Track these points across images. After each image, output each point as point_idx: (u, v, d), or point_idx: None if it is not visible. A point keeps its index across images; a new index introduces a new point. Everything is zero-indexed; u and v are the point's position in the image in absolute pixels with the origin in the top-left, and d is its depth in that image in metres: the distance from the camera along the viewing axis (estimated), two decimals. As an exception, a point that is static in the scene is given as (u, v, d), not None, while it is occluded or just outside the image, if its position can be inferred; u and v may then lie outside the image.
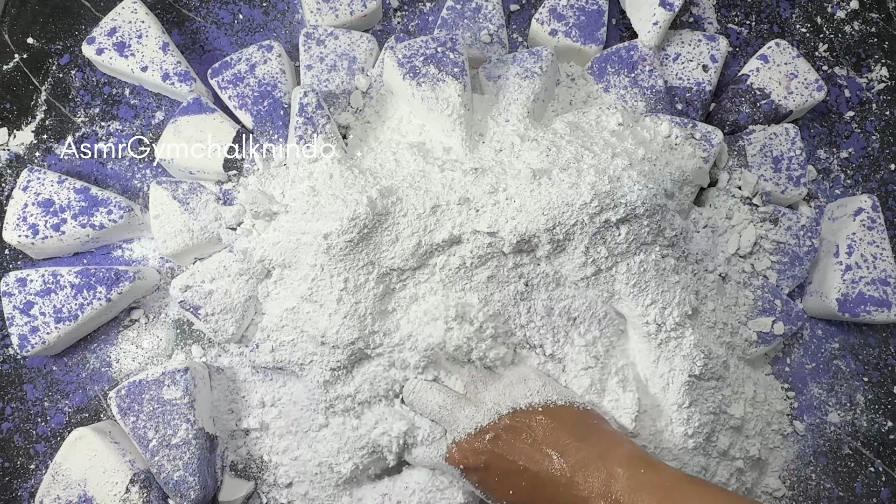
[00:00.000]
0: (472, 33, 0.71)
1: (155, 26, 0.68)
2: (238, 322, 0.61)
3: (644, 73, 0.69)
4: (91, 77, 0.71)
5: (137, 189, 0.68)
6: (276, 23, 0.74)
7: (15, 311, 0.61)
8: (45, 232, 0.62)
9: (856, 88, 0.76)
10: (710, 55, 0.72)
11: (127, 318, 0.65)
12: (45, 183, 0.63)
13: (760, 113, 0.71)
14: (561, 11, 0.71)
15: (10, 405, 0.64)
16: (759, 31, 0.77)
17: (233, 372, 0.63)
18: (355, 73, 0.69)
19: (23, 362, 0.65)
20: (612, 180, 0.57)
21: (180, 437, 0.57)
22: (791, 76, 0.71)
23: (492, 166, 0.60)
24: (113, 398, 0.59)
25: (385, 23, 0.74)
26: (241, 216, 0.64)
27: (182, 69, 0.68)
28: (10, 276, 0.61)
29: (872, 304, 0.64)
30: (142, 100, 0.71)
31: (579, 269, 0.58)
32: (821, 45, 0.77)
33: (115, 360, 0.65)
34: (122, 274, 0.62)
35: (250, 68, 0.68)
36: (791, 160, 0.68)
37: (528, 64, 0.66)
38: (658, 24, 0.69)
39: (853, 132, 0.75)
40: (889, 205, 0.73)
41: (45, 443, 0.63)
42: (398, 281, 0.58)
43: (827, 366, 0.68)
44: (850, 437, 0.66)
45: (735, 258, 0.66)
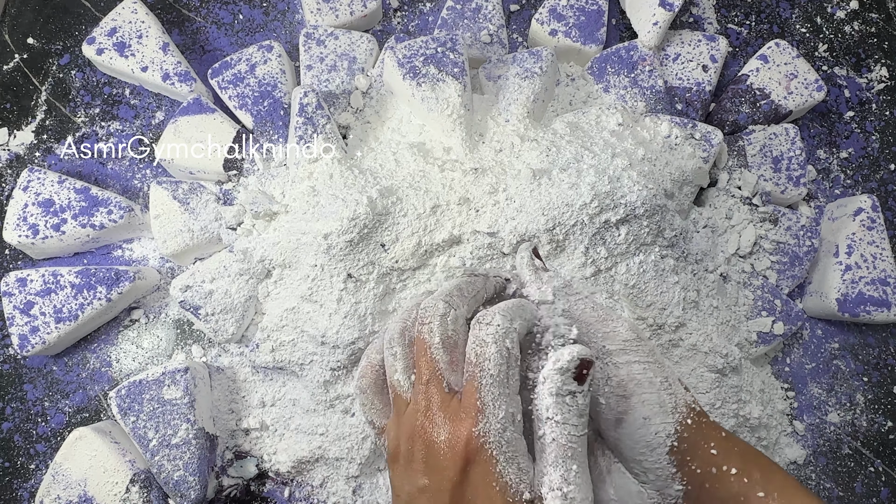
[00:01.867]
0: (472, 33, 0.71)
1: (155, 26, 0.68)
2: (238, 322, 0.61)
3: (644, 73, 0.70)
4: (91, 77, 0.71)
5: (137, 189, 0.68)
6: (276, 23, 0.74)
7: (15, 311, 0.61)
8: (46, 232, 0.62)
9: (856, 88, 0.76)
10: (709, 55, 0.72)
11: (127, 318, 0.65)
12: (46, 183, 0.63)
13: (760, 113, 0.71)
14: (561, 11, 0.71)
15: (10, 405, 0.64)
16: (759, 31, 0.77)
17: (233, 372, 0.63)
18: (355, 73, 0.69)
19: (23, 362, 0.65)
20: (612, 180, 0.57)
21: (180, 437, 0.57)
22: (791, 76, 0.71)
23: (492, 166, 0.60)
24: (113, 398, 0.59)
25: (385, 23, 0.74)
26: (241, 216, 0.64)
27: (182, 69, 0.68)
28: (10, 276, 0.61)
29: (872, 304, 0.64)
30: (142, 100, 0.71)
31: (579, 269, 0.58)
32: (821, 45, 0.77)
33: (115, 360, 0.65)
34: (122, 274, 0.62)
35: (250, 68, 0.68)
36: (791, 160, 0.68)
37: (528, 64, 0.66)
38: (658, 24, 0.69)
39: (853, 132, 0.75)
40: (889, 205, 0.73)
41: (45, 443, 0.63)
42: (398, 281, 0.59)
43: (827, 366, 0.68)
44: (850, 437, 0.66)
45: (735, 258, 0.66)
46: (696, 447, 0.41)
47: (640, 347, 0.41)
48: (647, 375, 0.41)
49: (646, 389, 0.41)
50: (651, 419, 0.40)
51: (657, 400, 0.40)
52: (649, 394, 0.41)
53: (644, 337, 0.42)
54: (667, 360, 0.56)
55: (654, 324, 0.58)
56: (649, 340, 0.41)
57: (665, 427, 0.40)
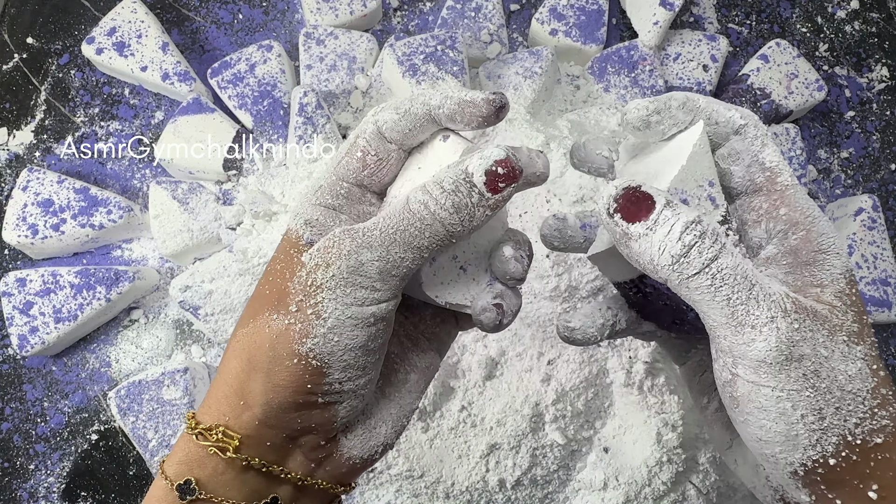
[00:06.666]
0: (472, 33, 0.71)
1: (154, 26, 0.68)
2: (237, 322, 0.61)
3: (644, 72, 0.69)
4: (91, 77, 0.71)
5: (137, 189, 0.68)
6: (276, 23, 0.74)
7: (14, 311, 0.60)
8: (45, 232, 0.62)
9: (856, 88, 0.76)
10: (710, 55, 0.71)
11: (126, 319, 0.65)
12: (45, 183, 0.63)
13: (761, 113, 0.71)
14: (561, 11, 0.71)
15: (9, 405, 0.64)
16: (760, 30, 0.77)
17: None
18: (355, 72, 0.69)
19: (22, 362, 0.64)
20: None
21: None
22: (791, 76, 0.71)
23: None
24: (112, 398, 0.59)
25: (385, 23, 0.74)
26: (240, 216, 0.64)
27: (182, 69, 0.68)
28: (9, 276, 0.61)
29: (873, 304, 0.64)
30: (141, 100, 0.71)
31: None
32: (821, 44, 0.77)
33: (115, 361, 0.65)
34: (121, 274, 0.62)
35: (250, 68, 0.68)
36: (791, 160, 0.68)
37: (528, 64, 0.66)
38: (658, 23, 0.69)
39: (853, 132, 0.75)
40: (889, 205, 0.73)
41: (44, 443, 0.63)
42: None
43: (827, 366, 0.68)
44: (850, 437, 0.66)
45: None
46: (842, 484, 0.32)
47: (784, 374, 0.30)
48: (779, 406, 0.31)
49: (768, 417, 0.31)
50: (768, 442, 0.32)
51: (783, 431, 0.31)
52: (771, 423, 0.31)
53: (805, 355, 0.31)
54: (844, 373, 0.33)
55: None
56: (817, 354, 0.31)
57: (786, 456, 0.32)
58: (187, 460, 0.33)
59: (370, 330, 0.32)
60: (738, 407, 0.32)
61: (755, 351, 0.31)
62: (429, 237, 0.32)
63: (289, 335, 0.32)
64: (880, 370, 0.32)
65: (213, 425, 0.33)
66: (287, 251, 0.34)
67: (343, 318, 0.32)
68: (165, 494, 0.33)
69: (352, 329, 0.32)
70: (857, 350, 0.32)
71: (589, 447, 0.60)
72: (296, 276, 0.32)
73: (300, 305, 0.32)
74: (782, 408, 0.31)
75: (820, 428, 0.31)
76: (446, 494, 0.58)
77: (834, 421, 0.31)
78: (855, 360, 0.31)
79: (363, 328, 0.32)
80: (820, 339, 0.31)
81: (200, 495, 0.33)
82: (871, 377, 0.32)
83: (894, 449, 0.31)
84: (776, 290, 0.31)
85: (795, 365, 0.30)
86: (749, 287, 0.30)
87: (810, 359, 0.31)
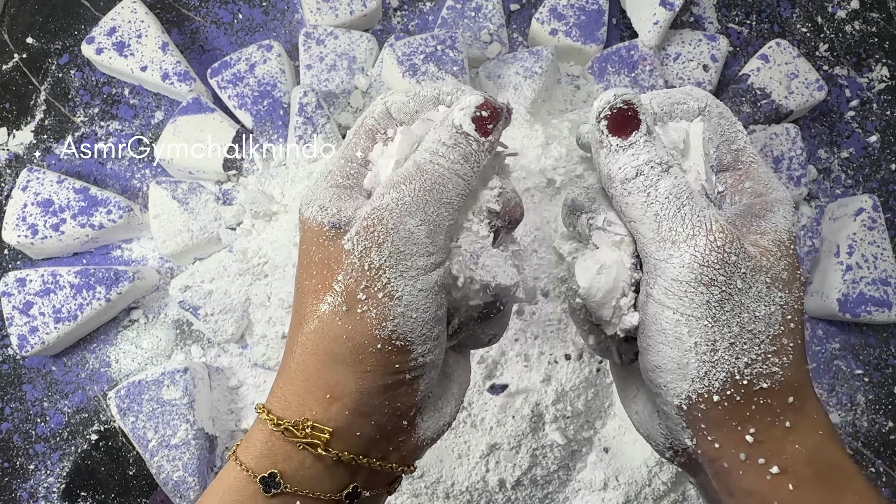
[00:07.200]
0: (472, 33, 0.71)
1: (154, 26, 0.68)
2: (238, 322, 0.61)
3: (644, 72, 0.69)
4: (90, 77, 0.71)
5: (137, 189, 0.68)
6: (276, 22, 0.74)
7: (14, 311, 0.60)
8: (45, 232, 0.62)
9: (856, 88, 0.76)
10: (710, 55, 0.71)
11: (126, 319, 0.65)
12: (45, 183, 0.63)
13: (761, 113, 0.71)
14: (561, 11, 0.71)
15: (9, 405, 0.63)
16: (760, 30, 0.77)
17: (232, 372, 0.63)
18: (355, 72, 0.69)
19: (22, 362, 0.64)
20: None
21: (180, 438, 0.57)
22: (791, 76, 0.71)
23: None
24: (112, 398, 0.59)
25: (385, 23, 0.74)
26: (240, 216, 0.64)
27: (182, 69, 0.68)
28: (9, 276, 0.61)
29: (873, 305, 0.64)
30: (141, 100, 0.71)
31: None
32: (821, 44, 0.77)
33: (115, 361, 0.65)
34: (121, 274, 0.62)
35: (250, 68, 0.67)
36: (791, 160, 0.68)
37: (528, 64, 0.66)
38: (658, 23, 0.69)
39: (854, 132, 0.75)
40: (890, 205, 0.73)
41: (44, 443, 0.63)
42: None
43: (827, 366, 0.68)
44: (850, 437, 0.66)
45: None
46: (721, 424, 0.32)
47: (689, 297, 0.31)
48: (676, 329, 0.32)
49: (665, 341, 0.32)
50: (661, 370, 0.33)
51: (676, 358, 0.32)
52: (667, 349, 0.32)
53: (715, 281, 0.31)
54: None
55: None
56: (729, 284, 0.31)
57: (675, 386, 0.33)
58: (270, 453, 0.34)
59: (438, 298, 0.33)
60: (643, 331, 0.34)
61: (670, 268, 0.32)
62: (452, 189, 0.34)
63: (365, 322, 0.32)
64: (794, 323, 0.32)
65: (301, 420, 0.33)
66: (317, 241, 0.34)
67: (415, 292, 0.32)
68: (243, 486, 0.33)
69: (425, 301, 0.33)
70: (777, 296, 0.32)
71: (589, 447, 0.60)
72: (345, 263, 0.32)
73: (367, 292, 0.32)
74: (678, 332, 0.32)
75: (710, 360, 0.32)
76: (446, 494, 0.58)
77: (725, 356, 0.31)
78: (770, 304, 0.32)
79: (433, 297, 0.33)
80: (741, 269, 0.31)
81: (286, 488, 0.33)
82: (779, 325, 0.32)
83: (777, 397, 0.32)
84: (709, 214, 0.32)
85: (702, 290, 0.31)
86: (679, 206, 0.32)
87: (720, 287, 0.31)
